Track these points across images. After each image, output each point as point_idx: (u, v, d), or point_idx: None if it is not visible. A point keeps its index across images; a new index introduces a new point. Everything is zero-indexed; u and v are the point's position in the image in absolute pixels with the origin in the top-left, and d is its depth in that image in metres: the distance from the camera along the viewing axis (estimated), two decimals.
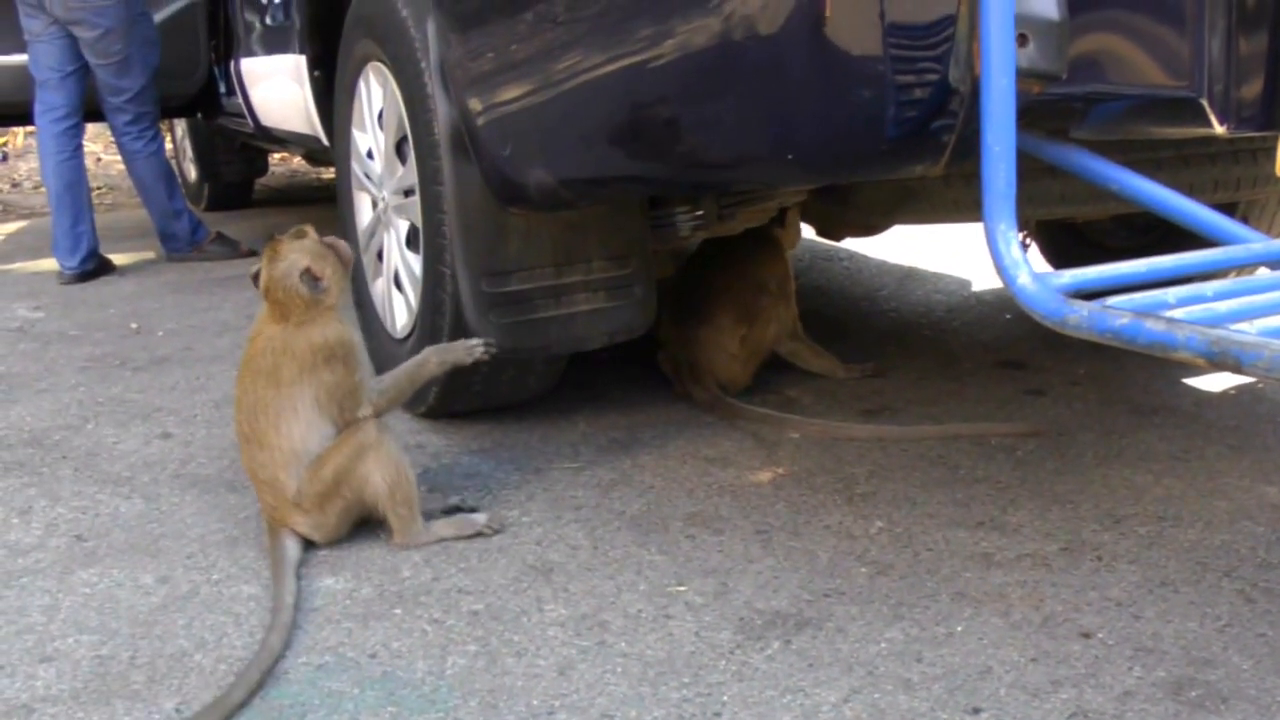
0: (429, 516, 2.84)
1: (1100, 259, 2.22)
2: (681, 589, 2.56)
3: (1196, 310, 1.96)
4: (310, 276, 2.74)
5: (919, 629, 2.37)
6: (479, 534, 2.82)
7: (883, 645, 2.32)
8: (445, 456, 3.33)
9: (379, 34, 3.46)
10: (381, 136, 3.61)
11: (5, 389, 4.13)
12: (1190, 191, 2.88)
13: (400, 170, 3.48)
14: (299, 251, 2.77)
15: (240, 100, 5.91)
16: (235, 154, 7.87)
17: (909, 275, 5.43)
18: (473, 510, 2.93)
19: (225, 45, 6.22)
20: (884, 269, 5.58)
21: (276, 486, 2.73)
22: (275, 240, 2.81)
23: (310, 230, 2.85)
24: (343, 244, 2.89)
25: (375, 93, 3.63)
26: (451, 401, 3.47)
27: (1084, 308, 1.93)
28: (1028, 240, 4.59)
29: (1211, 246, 2.30)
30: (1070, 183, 2.90)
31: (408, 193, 3.42)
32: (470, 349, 2.94)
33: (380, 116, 3.61)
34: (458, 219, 3.13)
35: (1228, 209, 3.36)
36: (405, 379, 2.90)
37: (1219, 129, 2.26)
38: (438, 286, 3.22)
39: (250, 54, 5.65)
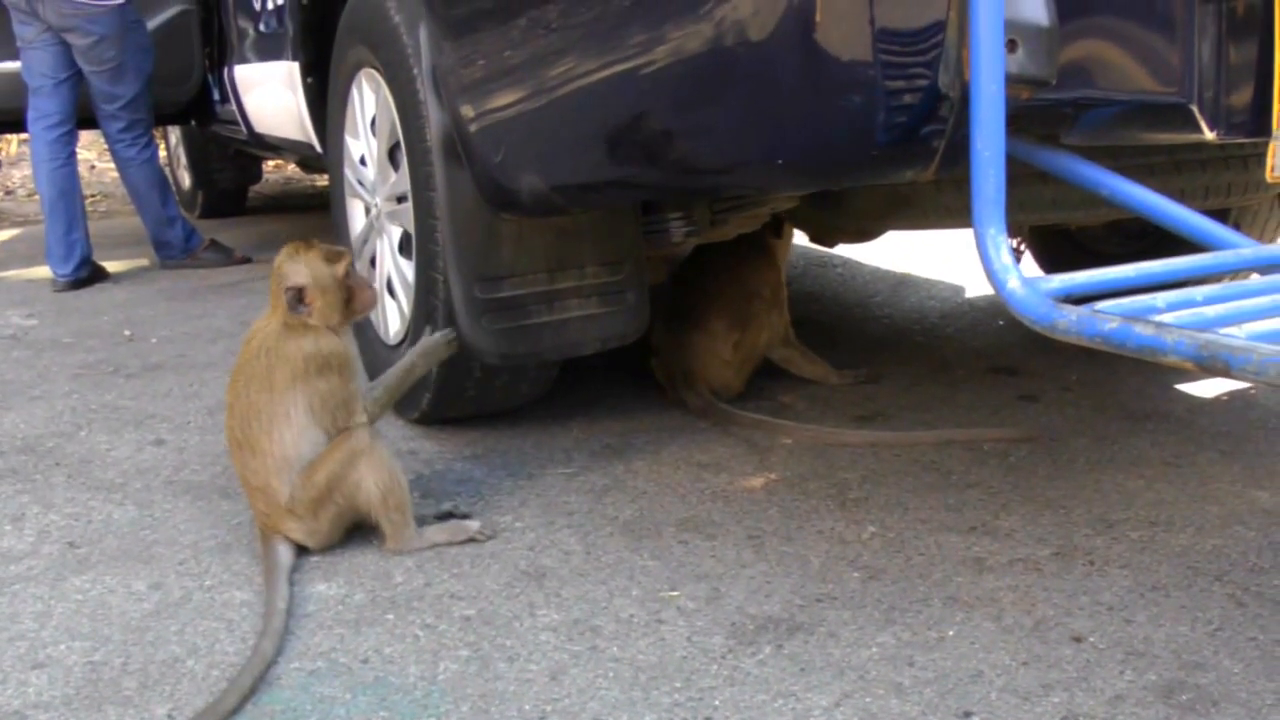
0: (421, 522, 2.84)
1: (1095, 265, 2.22)
2: (674, 594, 2.56)
3: (1186, 314, 1.96)
4: (297, 296, 2.74)
5: (911, 633, 2.37)
6: (471, 540, 2.82)
7: (874, 650, 2.32)
8: (438, 462, 3.33)
9: (372, 40, 3.47)
10: (374, 143, 3.61)
11: None
12: (1181, 197, 2.88)
13: (393, 176, 3.49)
14: (307, 268, 2.75)
15: (234, 107, 5.92)
16: (229, 161, 7.87)
17: (902, 281, 5.44)
18: (465, 516, 2.93)
19: (219, 52, 6.23)
20: (877, 275, 5.59)
21: (269, 493, 2.73)
22: (313, 241, 2.80)
23: (346, 260, 2.79)
24: (368, 293, 2.85)
25: (368, 99, 3.64)
26: (444, 407, 3.47)
27: (1073, 312, 1.93)
28: (1022, 247, 4.61)
29: (1202, 251, 2.31)
30: (1061, 188, 2.90)
31: (400, 199, 3.42)
32: (448, 341, 3.01)
33: (373, 123, 3.61)
34: (450, 225, 3.13)
35: (1219, 215, 3.36)
36: (395, 383, 2.91)
37: (1209, 135, 2.26)
38: (430, 293, 3.22)
39: (244, 61, 5.66)
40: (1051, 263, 4.65)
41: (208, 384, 4.17)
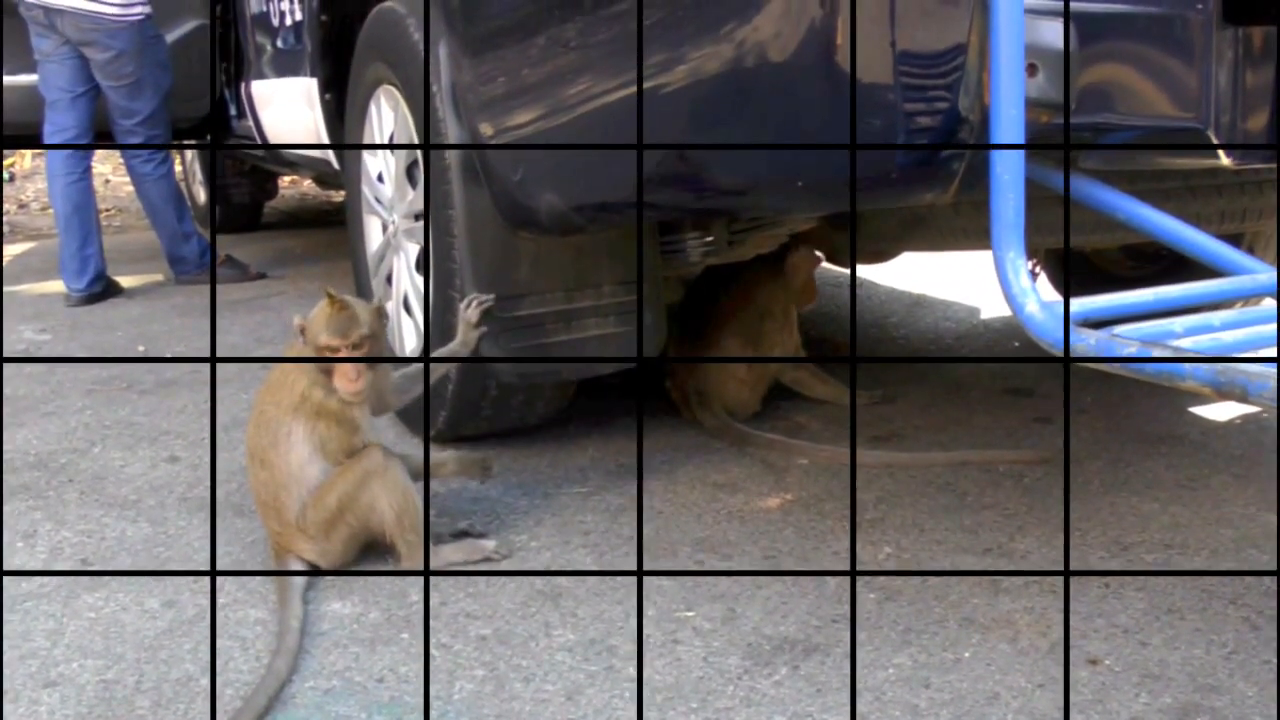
0: (437, 541, 2.84)
1: (1108, 287, 2.23)
2: (689, 614, 2.56)
3: (1203, 340, 1.97)
4: (300, 330, 2.75)
5: (926, 655, 2.37)
6: (487, 559, 2.82)
7: (890, 671, 2.32)
8: (453, 480, 3.32)
9: (391, 58, 3.48)
10: (392, 160, 3.63)
11: (11, 411, 4.13)
12: (1197, 222, 2.89)
13: (410, 194, 3.50)
14: (313, 313, 2.74)
15: (250, 123, 5.93)
16: (245, 176, 7.90)
17: (918, 302, 5.44)
18: (481, 535, 2.93)
19: (236, 68, 6.25)
20: (893, 296, 5.59)
21: (278, 507, 2.72)
22: (348, 304, 2.72)
23: (357, 331, 2.69)
24: (344, 381, 2.70)
25: (386, 116, 3.65)
26: (459, 425, 3.47)
27: (1092, 336, 1.94)
28: (1037, 269, 4.61)
29: (1218, 277, 2.31)
30: (1078, 212, 2.91)
31: (418, 216, 3.43)
32: (486, 470, 3.03)
33: (391, 140, 3.62)
34: (468, 243, 3.14)
35: (1234, 239, 3.36)
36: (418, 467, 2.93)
37: (1225, 160, 2.27)
38: (447, 311, 3.23)
39: (261, 77, 5.68)
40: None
41: (222, 400, 4.17)
